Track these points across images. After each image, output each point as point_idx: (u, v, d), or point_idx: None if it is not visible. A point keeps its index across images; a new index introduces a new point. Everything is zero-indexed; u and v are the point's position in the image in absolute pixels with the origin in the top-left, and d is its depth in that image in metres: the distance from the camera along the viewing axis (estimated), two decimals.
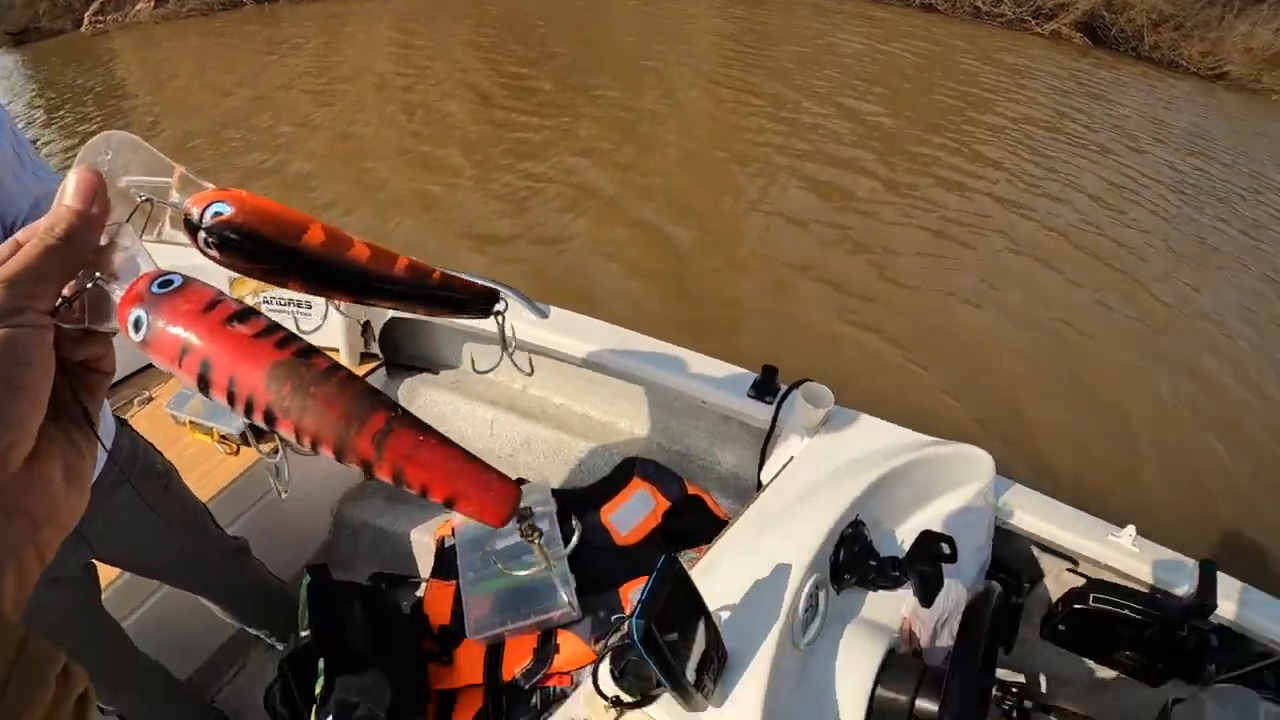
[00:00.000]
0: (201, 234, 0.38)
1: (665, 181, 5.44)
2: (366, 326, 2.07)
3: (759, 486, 1.45)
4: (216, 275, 0.47)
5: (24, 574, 0.28)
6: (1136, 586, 1.40)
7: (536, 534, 0.36)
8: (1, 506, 0.28)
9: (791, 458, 1.38)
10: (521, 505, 0.33)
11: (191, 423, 2.00)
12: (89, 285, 0.33)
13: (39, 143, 9.69)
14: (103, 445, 0.35)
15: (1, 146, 1.02)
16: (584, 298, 3.93)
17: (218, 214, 0.37)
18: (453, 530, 1.82)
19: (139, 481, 1.34)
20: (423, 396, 2.11)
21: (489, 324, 1.26)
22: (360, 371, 2.05)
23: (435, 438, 0.32)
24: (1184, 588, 1.37)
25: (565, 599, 1.58)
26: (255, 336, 0.31)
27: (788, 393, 1.60)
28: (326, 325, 1.97)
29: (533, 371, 1.23)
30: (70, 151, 8.96)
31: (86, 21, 20.94)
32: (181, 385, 2.02)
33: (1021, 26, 10.91)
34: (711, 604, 0.94)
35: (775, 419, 1.57)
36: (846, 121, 6.68)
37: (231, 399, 0.31)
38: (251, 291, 1.99)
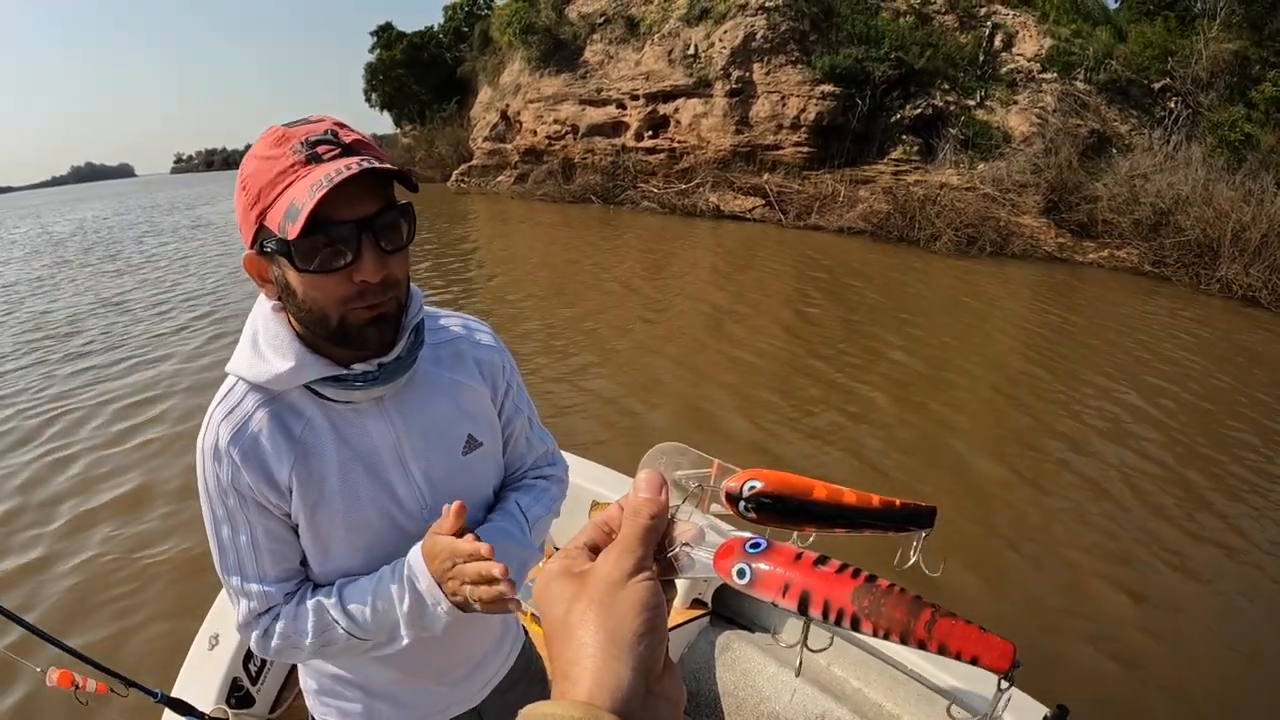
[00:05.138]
0: (742, 503, 0.51)
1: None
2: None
3: None
4: None
5: None
6: None
7: (1010, 685, 0.42)
8: (657, 697, 0.41)
9: None
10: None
11: (533, 615, 2.33)
12: (674, 551, 0.47)
13: (419, 269, 12.07)
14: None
15: (520, 412, 1.24)
16: None
17: (753, 488, 0.50)
18: None
19: (528, 684, 1.48)
20: (735, 650, 2.30)
21: None
22: (687, 616, 2.40)
23: (961, 620, 0.42)
24: None
25: None
26: (836, 573, 0.44)
27: None
28: None
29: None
30: (440, 279, 10.65)
31: (453, 179, 26.13)
32: (528, 579, 2.38)
33: None
34: None
35: None
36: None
37: (825, 614, 0.43)
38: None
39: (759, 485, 0.52)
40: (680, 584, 2.40)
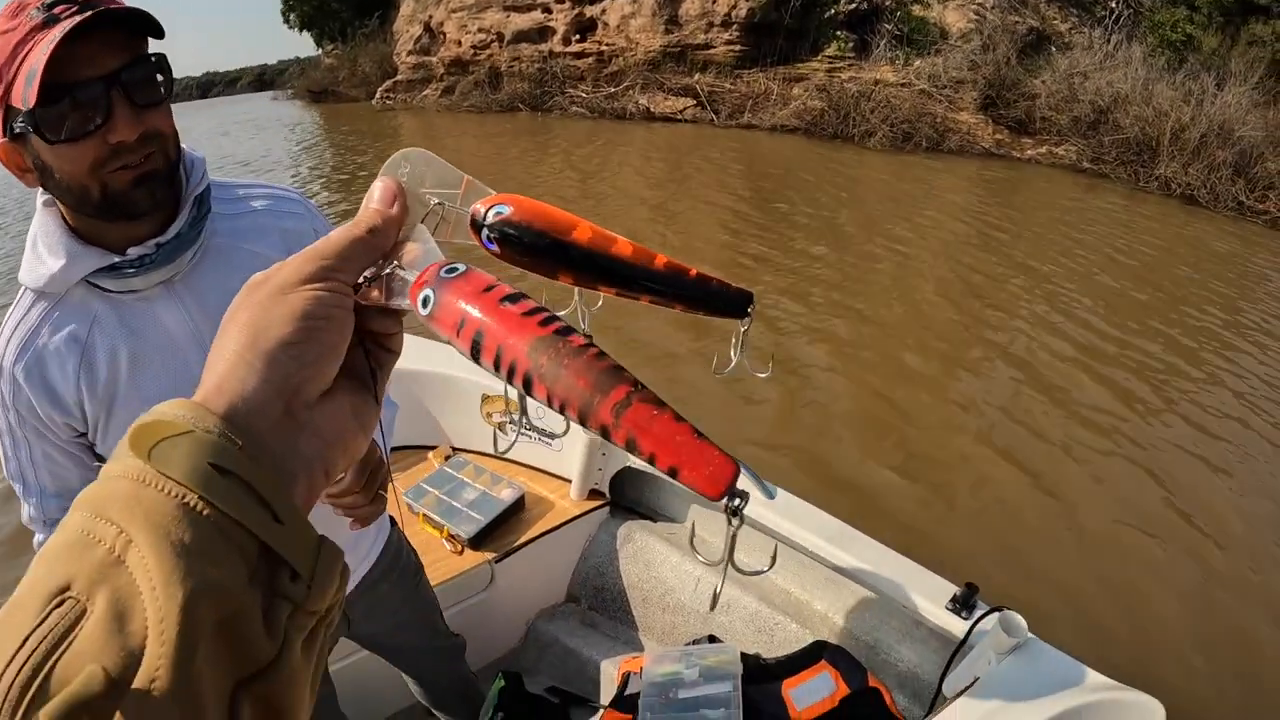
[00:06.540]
0: (485, 231, 0.42)
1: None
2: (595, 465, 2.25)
3: (938, 693, 1.64)
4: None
5: (313, 485, 0.34)
6: None
7: (739, 521, 0.36)
8: (299, 425, 0.33)
9: (978, 678, 1.50)
10: (737, 494, 0.35)
11: (425, 516, 2.12)
12: (386, 270, 0.39)
13: (327, 198, 11.45)
14: (382, 428, 0.48)
15: None
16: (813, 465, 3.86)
17: (499, 213, 0.42)
18: (640, 670, 1.86)
19: (400, 577, 1.46)
20: (638, 540, 2.22)
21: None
22: (586, 506, 2.24)
23: (669, 413, 0.33)
24: None
25: None
26: (523, 315, 0.35)
27: (986, 614, 1.66)
28: (563, 458, 2.28)
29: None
30: (350, 202, 10.29)
31: (378, 96, 24.74)
32: (420, 480, 2.26)
33: None
34: None
35: (968, 636, 1.65)
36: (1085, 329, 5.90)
37: (497, 365, 0.35)
38: (500, 410, 2.23)
39: (506, 211, 0.43)
40: (574, 474, 2.24)
